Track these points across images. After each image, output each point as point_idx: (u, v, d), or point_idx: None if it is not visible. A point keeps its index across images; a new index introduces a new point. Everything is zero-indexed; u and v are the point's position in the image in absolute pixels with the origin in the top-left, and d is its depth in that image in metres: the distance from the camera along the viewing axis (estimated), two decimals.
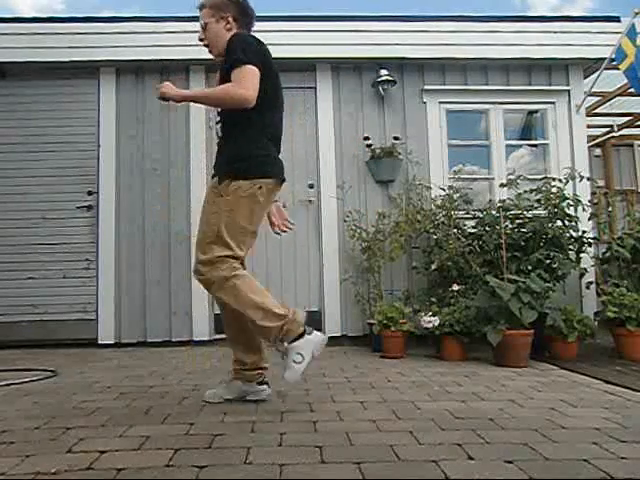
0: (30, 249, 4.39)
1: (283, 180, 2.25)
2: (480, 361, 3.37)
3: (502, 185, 4.35)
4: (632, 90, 4.65)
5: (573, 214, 4.05)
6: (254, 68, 2.05)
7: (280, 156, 2.27)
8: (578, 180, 4.20)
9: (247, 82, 2.03)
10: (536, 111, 4.85)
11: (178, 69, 4.51)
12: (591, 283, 4.26)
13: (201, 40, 2.30)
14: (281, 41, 4.35)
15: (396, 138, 4.46)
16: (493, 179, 4.65)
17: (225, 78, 2.10)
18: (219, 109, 2.27)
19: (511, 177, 4.26)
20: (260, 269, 4.49)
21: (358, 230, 4.26)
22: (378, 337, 3.74)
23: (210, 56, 2.32)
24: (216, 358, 3.66)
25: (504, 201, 4.15)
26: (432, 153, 4.57)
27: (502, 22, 4.61)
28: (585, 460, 1.51)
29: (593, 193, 4.93)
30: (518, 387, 2.56)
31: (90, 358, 3.75)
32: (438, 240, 4.08)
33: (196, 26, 2.31)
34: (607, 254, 4.09)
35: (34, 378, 2.88)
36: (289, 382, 2.07)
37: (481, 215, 4.11)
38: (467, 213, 4.22)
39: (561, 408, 2.13)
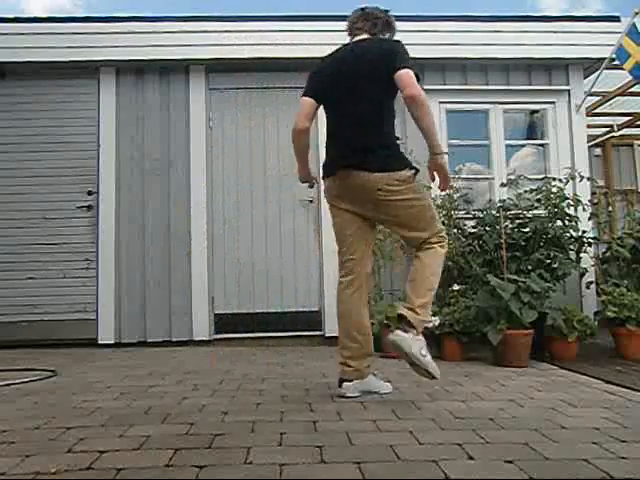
0: (30, 249, 4.39)
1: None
2: (480, 361, 3.37)
3: (502, 185, 4.35)
4: (633, 90, 4.65)
5: (573, 214, 4.05)
6: None
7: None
8: (578, 180, 4.20)
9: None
10: (537, 111, 4.85)
11: (178, 69, 4.50)
12: (591, 283, 4.26)
13: None
14: (281, 41, 4.36)
15: (396, 138, 4.44)
16: (493, 179, 4.65)
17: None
18: None
19: (511, 177, 4.26)
20: (260, 269, 4.50)
21: None
22: (378, 337, 3.73)
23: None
24: (216, 358, 3.66)
25: (504, 201, 4.14)
26: None
27: (502, 22, 4.60)
28: (585, 460, 1.51)
29: (593, 193, 4.92)
30: (518, 387, 2.56)
31: (90, 358, 3.75)
32: None
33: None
34: (607, 254, 4.09)
35: (34, 378, 2.88)
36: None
37: (481, 215, 4.10)
38: (467, 213, 4.22)
39: (561, 408, 2.13)
